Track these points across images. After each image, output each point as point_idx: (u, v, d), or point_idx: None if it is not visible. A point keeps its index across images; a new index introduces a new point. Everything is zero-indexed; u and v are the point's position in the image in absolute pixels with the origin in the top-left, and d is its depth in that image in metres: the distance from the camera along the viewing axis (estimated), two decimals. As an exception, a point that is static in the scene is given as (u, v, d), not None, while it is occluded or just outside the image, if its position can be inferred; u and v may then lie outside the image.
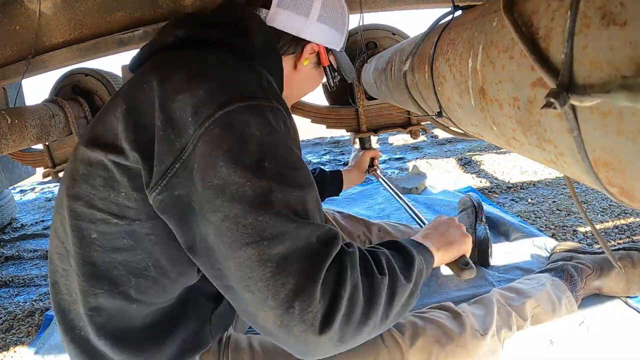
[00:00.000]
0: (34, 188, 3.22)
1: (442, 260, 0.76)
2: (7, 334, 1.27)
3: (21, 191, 3.17)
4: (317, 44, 0.81)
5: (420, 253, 0.68)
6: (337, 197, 2.03)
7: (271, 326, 0.51)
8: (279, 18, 0.76)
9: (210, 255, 0.54)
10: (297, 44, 0.79)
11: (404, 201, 1.11)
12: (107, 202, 0.59)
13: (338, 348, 0.53)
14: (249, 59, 0.66)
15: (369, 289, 0.55)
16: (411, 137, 1.69)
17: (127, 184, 0.57)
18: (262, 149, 0.52)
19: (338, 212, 1.26)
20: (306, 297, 0.49)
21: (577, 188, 1.84)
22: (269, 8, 0.76)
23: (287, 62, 0.80)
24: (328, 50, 0.84)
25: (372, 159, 1.43)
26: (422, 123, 1.67)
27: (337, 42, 0.85)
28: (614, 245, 1.27)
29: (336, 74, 0.89)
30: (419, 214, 1.04)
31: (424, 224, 1.04)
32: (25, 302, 1.45)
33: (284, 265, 0.49)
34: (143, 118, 0.56)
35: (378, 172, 1.37)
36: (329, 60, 0.85)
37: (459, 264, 0.77)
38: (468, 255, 0.80)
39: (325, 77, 0.88)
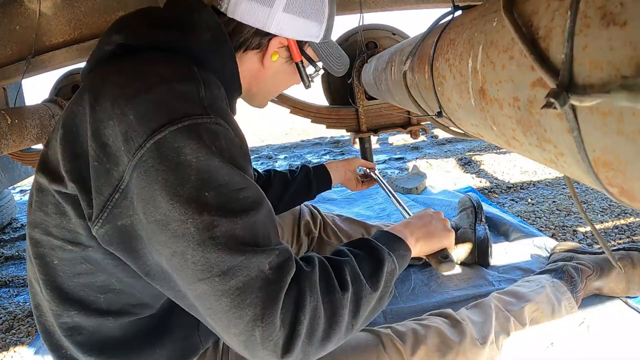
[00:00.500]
0: (34, 188, 3.22)
1: (420, 251, 0.74)
2: (7, 334, 1.27)
3: (21, 191, 3.17)
4: (285, 38, 0.71)
5: (394, 249, 0.66)
6: (337, 197, 2.04)
7: (237, 347, 0.51)
8: (241, 9, 0.67)
9: (168, 280, 0.54)
10: (261, 38, 0.70)
11: (396, 199, 1.10)
12: (60, 229, 0.58)
13: None
14: (190, 61, 0.59)
15: (330, 309, 0.54)
16: (411, 137, 1.69)
17: (73, 212, 0.55)
18: (199, 177, 0.49)
19: (337, 215, 1.25)
20: (266, 326, 0.49)
21: (577, 188, 1.84)
22: None
23: (251, 57, 0.72)
24: (304, 43, 0.75)
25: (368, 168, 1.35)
26: (422, 123, 1.67)
27: (314, 34, 0.73)
28: (614, 245, 1.27)
29: (317, 69, 0.80)
30: (409, 212, 1.04)
31: None
32: (25, 302, 1.45)
33: (240, 298, 0.49)
34: (79, 145, 0.54)
35: (376, 173, 1.33)
36: (306, 55, 0.75)
37: (438, 257, 0.76)
38: (450, 250, 0.79)
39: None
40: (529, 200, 1.81)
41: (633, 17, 0.20)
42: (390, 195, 1.12)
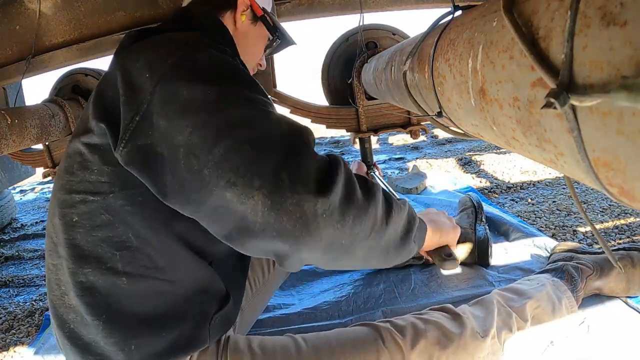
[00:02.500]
0: (34, 188, 3.22)
1: (431, 239, 0.75)
2: (7, 334, 1.27)
3: (21, 191, 3.17)
4: None
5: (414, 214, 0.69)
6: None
7: (262, 218, 0.48)
8: None
9: (183, 186, 0.54)
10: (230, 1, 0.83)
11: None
12: (83, 183, 0.63)
13: (338, 232, 0.49)
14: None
15: (364, 188, 0.55)
16: (411, 137, 1.69)
17: (98, 160, 0.61)
18: (216, 63, 0.57)
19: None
20: (293, 167, 0.48)
21: (577, 188, 1.84)
22: None
23: (227, 20, 0.83)
24: (260, 8, 0.87)
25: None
26: (422, 123, 1.67)
27: (266, 1, 0.88)
28: (614, 245, 1.27)
29: (275, 36, 0.91)
30: None
31: None
32: (25, 302, 1.45)
33: (262, 143, 0.50)
34: (109, 94, 0.60)
35: (376, 173, 1.36)
36: (264, 19, 0.87)
37: (441, 254, 0.76)
38: (453, 248, 0.79)
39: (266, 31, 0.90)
40: (529, 200, 1.81)
41: (633, 17, 0.20)
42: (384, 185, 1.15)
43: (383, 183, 1.20)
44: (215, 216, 0.53)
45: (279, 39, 0.93)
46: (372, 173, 1.36)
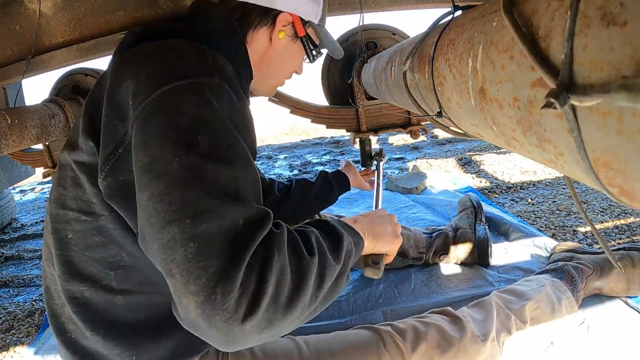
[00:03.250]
0: (34, 188, 3.22)
1: (365, 249, 0.72)
2: (7, 334, 1.27)
3: (21, 191, 3.17)
4: (290, 14, 0.76)
5: (350, 234, 0.66)
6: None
7: (193, 316, 0.48)
8: None
9: (143, 241, 0.52)
10: (269, 14, 0.76)
11: (377, 192, 1.08)
12: (76, 201, 0.61)
13: (266, 335, 0.50)
14: (199, 42, 0.63)
15: (297, 271, 0.52)
16: (411, 137, 1.69)
17: (87, 180, 0.59)
18: (194, 123, 0.51)
19: (337, 216, 1.25)
20: (229, 281, 0.46)
21: (577, 188, 1.84)
22: None
23: (261, 35, 0.77)
24: (305, 22, 0.80)
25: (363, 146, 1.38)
26: (422, 123, 1.67)
27: (313, 13, 0.79)
28: (614, 245, 1.27)
29: (317, 49, 0.85)
30: (380, 202, 1.03)
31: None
32: (25, 302, 1.45)
33: (207, 246, 0.47)
34: (97, 110, 0.58)
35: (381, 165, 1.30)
36: (308, 35, 0.81)
37: (368, 260, 0.74)
38: (391, 258, 0.77)
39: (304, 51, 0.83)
40: (529, 200, 1.81)
41: (633, 17, 0.20)
42: (376, 185, 1.11)
43: (377, 185, 1.16)
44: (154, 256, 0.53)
45: (321, 53, 0.87)
46: (372, 167, 1.32)
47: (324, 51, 0.91)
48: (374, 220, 0.76)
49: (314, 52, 0.84)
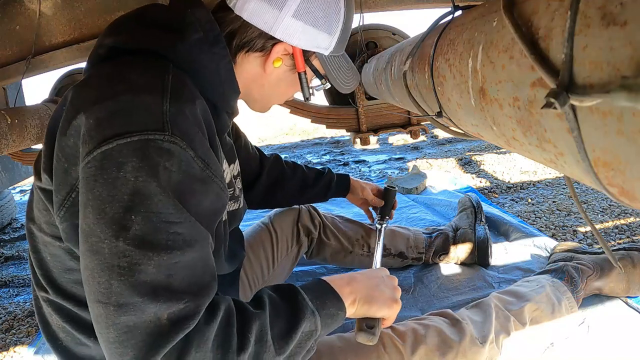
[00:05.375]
0: (34, 188, 3.22)
1: (355, 313, 0.69)
2: (7, 334, 1.27)
3: (21, 191, 3.17)
4: (291, 45, 0.67)
5: (323, 306, 0.62)
6: (336, 198, 2.04)
7: None
8: (249, 7, 0.64)
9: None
10: (266, 41, 0.66)
11: (379, 254, 1.03)
12: (49, 226, 0.59)
13: None
14: (172, 67, 0.58)
15: None
16: (411, 137, 1.69)
17: (51, 208, 0.57)
18: (132, 197, 0.47)
19: (337, 215, 1.25)
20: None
21: (577, 188, 1.84)
22: None
23: (253, 60, 0.68)
24: (311, 53, 0.70)
25: (388, 195, 1.21)
26: (422, 123, 1.67)
27: (322, 45, 0.69)
28: (614, 245, 1.27)
29: (323, 83, 0.76)
30: (379, 263, 0.99)
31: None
32: (25, 302, 1.45)
33: (126, 336, 0.47)
34: (54, 142, 0.55)
35: (383, 226, 1.17)
36: (312, 66, 0.72)
37: (363, 324, 0.70)
38: (390, 322, 0.73)
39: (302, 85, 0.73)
40: (529, 200, 1.81)
41: (633, 17, 0.20)
42: (376, 245, 1.07)
43: (377, 244, 1.08)
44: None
45: (326, 86, 0.77)
46: (381, 227, 1.16)
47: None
48: (372, 283, 0.72)
49: (315, 89, 0.75)
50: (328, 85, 0.76)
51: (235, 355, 0.52)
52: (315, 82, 0.76)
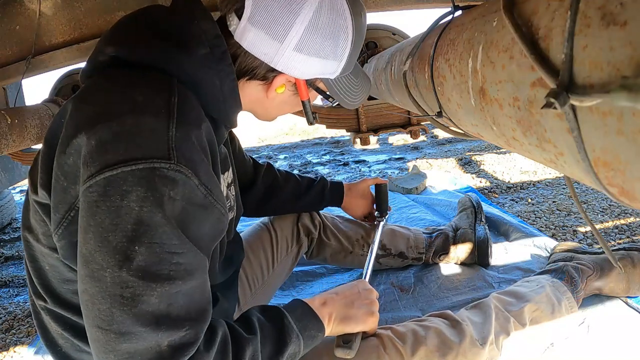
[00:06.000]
0: (34, 188, 3.22)
1: (333, 331, 0.72)
2: (7, 334, 1.27)
3: (21, 191, 3.17)
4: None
5: (305, 328, 0.66)
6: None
7: None
8: (248, 37, 0.61)
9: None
10: (267, 71, 0.64)
11: (370, 260, 1.03)
12: (46, 237, 0.58)
13: None
14: (176, 84, 0.56)
15: None
16: (411, 137, 1.69)
17: (49, 223, 0.56)
18: (135, 227, 0.47)
19: (337, 216, 1.25)
20: None
21: (577, 188, 1.84)
22: (241, 17, 0.61)
23: (255, 87, 0.67)
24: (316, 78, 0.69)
25: (379, 192, 1.22)
26: (422, 123, 1.67)
27: (328, 71, 0.67)
28: (614, 245, 1.27)
29: (332, 102, 0.75)
30: (370, 269, 0.99)
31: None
32: (25, 302, 1.45)
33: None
34: (52, 155, 0.53)
35: (381, 224, 1.18)
36: (317, 88, 0.70)
37: (340, 340, 0.73)
38: (372, 332, 0.77)
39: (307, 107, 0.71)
40: (529, 200, 1.81)
41: (633, 17, 0.20)
42: (370, 249, 1.07)
43: (371, 249, 1.08)
44: None
45: (334, 102, 0.76)
46: (379, 224, 1.18)
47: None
48: (347, 300, 0.74)
49: (315, 116, 0.74)
50: (336, 102, 0.75)
51: None
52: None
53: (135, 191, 0.46)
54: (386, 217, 1.21)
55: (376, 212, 1.23)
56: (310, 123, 0.73)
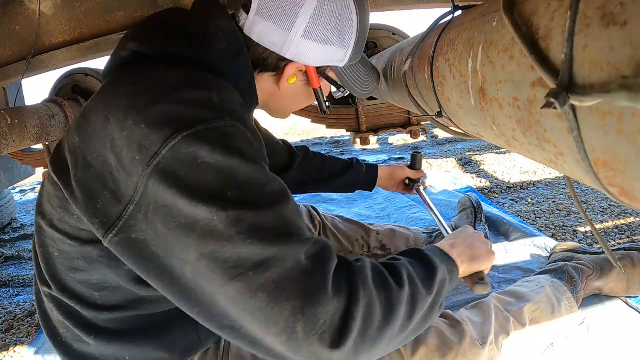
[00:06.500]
0: (34, 188, 3.22)
1: (463, 273, 0.72)
2: (7, 334, 1.27)
3: (21, 191, 3.17)
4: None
5: (445, 263, 0.65)
6: (337, 198, 2.04)
7: (279, 350, 0.49)
8: (257, 29, 0.64)
9: (190, 295, 0.50)
10: (278, 61, 0.67)
11: (437, 217, 1.10)
12: (62, 224, 0.58)
13: None
14: (202, 70, 0.58)
15: (386, 304, 0.52)
16: (411, 137, 1.69)
17: (78, 210, 0.55)
18: (220, 177, 0.48)
19: (337, 215, 1.25)
20: (308, 319, 0.46)
21: (577, 188, 1.84)
22: (249, 12, 0.64)
23: (267, 79, 0.69)
24: (326, 66, 0.71)
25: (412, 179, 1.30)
26: (422, 123, 1.67)
27: (337, 59, 0.69)
28: (614, 245, 1.27)
29: (343, 92, 0.76)
30: (448, 229, 1.04)
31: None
32: (25, 302, 1.45)
33: (277, 291, 0.46)
34: (90, 154, 0.52)
35: (421, 189, 1.28)
36: (328, 77, 0.72)
37: (475, 278, 0.75)
38: (487, 272, 0.78)
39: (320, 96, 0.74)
40: (529, 200, 1.81)
41: (633, 17, 0.20)
42: (432, 213, 1.13)
43: (425, 198, 1.16)
44: (224, 324, 0.51)
45: (345, 92, 0.78)
46: (418, 188, 1.26)
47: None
48: (469, 242, 0.75)
49: (327, 105, 0.75)
50: (347, 93, 0.77)
51: (398, 292, 0.54)
52: (333, 87, 0.77)
53: (203, 149, 0.48)
54: (423, 178, 1.30)
55: (406, 181, 1.30)
56: (323, 112, 0.77)
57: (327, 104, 0.76)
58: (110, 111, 0.52)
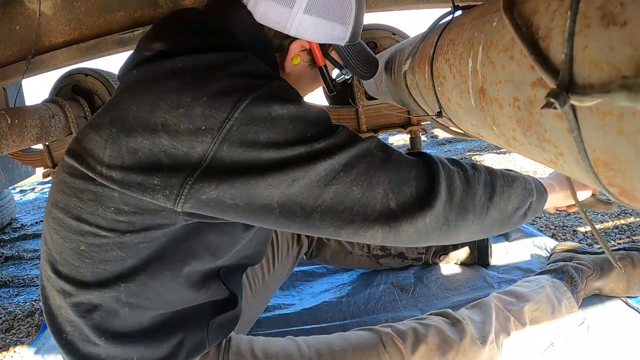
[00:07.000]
0: (34, 188, 3.22)
1: (557, 198, 0.78)
2: (7, 334, 1.27)
3: (21, 191, 3.17)
4: (307, 41, 0.69)
5: (530, 179, 0.69)
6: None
7: (382, 237, 0.56)
8: (259, 8, 0.65)
9: (287, 219, 0.55)
10: (282, 40, 0.68)
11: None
12: (95, 217, 0.57)
13: (444, 232, 0.58)
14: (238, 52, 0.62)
15: (464, 178, 0.59)
16: (411, 137, 1.69)
17: (118, 199, 0.56)
18: (297, 124, 0.53)
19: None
20: (399, 194, 0.55)
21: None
22: None
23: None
24: (329, 45, 0.72)
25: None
26: (422, 123, 1.67)
27: (338, 36, 0.71)
28: (614, 245, 1.27)
29: (345, 73, 0.77)
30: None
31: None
32: (25, 302, 1.45)
33: (367, 180, 0.54)
34: (134, 142, 0.53)
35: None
36: (331, 58, 0.73)
37: (598, 198, 0.77)
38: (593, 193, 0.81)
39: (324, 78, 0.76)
40: (529, 200, 1.81)
41: (633, 17, 0.20)
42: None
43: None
44: (320, 233, 0.58)
45: (348, 76, 0.79)
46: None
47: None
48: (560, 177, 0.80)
49: (334, 83, 0.77)
50: (349, 75, 0.79)
51: (472, 172, 0.61)
52: (335, 72, 0.78)
53: (273, 103, 0.52)
54: None
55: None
56: (330, 91, 0.78)
57: (335, 83, 0.78)
58: (160, 96, 0.54)
